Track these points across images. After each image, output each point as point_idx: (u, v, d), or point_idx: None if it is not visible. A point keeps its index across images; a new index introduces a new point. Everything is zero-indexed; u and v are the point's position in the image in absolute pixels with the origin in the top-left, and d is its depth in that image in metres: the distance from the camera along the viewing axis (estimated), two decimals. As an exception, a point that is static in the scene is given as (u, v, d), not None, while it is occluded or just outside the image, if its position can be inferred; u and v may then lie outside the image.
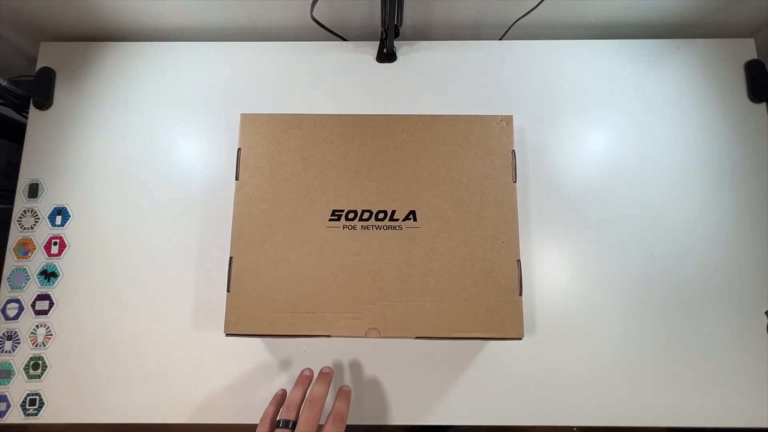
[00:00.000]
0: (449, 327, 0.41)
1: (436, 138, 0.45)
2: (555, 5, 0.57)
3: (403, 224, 0.43)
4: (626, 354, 0.50)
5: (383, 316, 0.41)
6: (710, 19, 0.60)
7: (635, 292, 0.52)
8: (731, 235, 0.53)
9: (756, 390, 0.49)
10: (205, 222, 0.55)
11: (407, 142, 0.45)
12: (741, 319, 0.51)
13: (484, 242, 0.42)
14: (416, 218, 0.43)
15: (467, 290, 0.41)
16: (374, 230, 0.43)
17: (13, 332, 0.52)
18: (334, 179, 0.44)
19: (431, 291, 0.41)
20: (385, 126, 0.46)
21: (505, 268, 0.41)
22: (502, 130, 0.45)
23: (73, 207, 0.56)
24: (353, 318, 0.41)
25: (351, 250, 0.42)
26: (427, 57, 0.61)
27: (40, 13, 0.59)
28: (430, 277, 0.42)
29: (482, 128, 0.45)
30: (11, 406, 0.50)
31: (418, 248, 0.42)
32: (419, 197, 0.43)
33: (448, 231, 0.42)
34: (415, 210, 0.43)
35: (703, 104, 0.58)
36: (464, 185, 0.43)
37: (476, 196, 0.43)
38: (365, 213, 0.43)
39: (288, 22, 0.62)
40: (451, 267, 0.42)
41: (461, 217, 0.43)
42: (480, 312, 0.41)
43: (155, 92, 0.60)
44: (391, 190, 0.44)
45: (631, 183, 0.55)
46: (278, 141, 0.46)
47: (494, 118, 0.45)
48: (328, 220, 0.43)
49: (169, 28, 0.64)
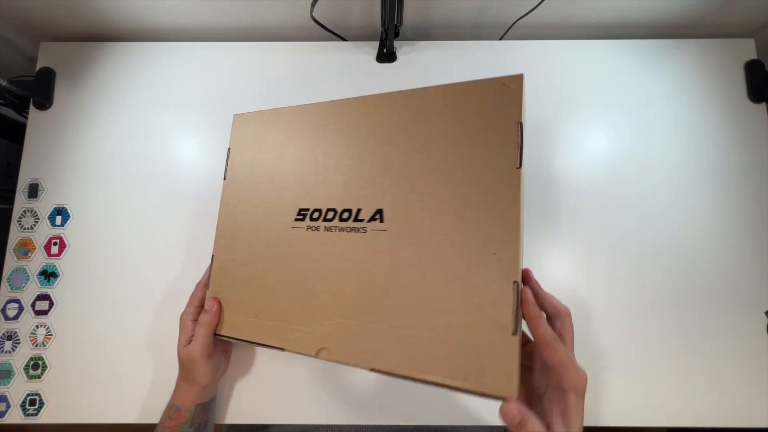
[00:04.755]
0: (411, 364, 0.30)
1: (415, 116, 0.35)
2: (555, 5, 0.57)
3: (368, 226, 0.35)
4: (626, 354, 0.50)
5: (337, 336, 0.34)
6: (710, 19, 0.60)
7: (635, 292, 0.52)
8: (731, 235, 0.53)
9: (756, 390, 0.49)
10: (205, 222, 0.55)
11: (381, 125, 0.37)
12: (741, 319, 0.51)
13: (466, 253, 0.30)
14: (383, 219, 0.34)
15: (438, 319, 0.30)
16: (337, 232, 0.36)
17: (13, 332, 0.52)
18: (303, 174, 0.40)
19: (394, 312, 0.32)
20: (358, 108, 0.39)
21: (495, 291, 0.29)
22: (505, 95, 0.32)
23: (73, 207, 0.56)
24: (307, 333, 0.36)
25: (312, 255, 0.37)
26: (427, 57, 0.61)
27: (40, 13, 0.58)
28: (394, 295, 0.32)
29: (477, 96, 0.33)
30: (11, 406, 0.50)
31: (382, 257, 0.33)
32: (389, 193, 0.34)
33: (419, 236, 0.32)
34: (383, 209, 0.34)
35: (703, 104, 0.57)
36: (445, 175, 0.33)
37: (460, 189, 0.32)
38: (330, 212, 0.37)
39: (288, 22, 0.62)
40: (420, 284, 0.31)
41: (437, 219, 0.32)
42: (453, 350, 0.29)
43: (155, 92, 0.60)
44: (358, 185, 0.36)
45: (631, 183, 0.55)
46: (260, 138, 0.44)
47: (495, 82, 0.33)
48: (293, 220, 0.39)
49: (169, 28, 0.64)
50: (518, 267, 0.29)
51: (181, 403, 0.42)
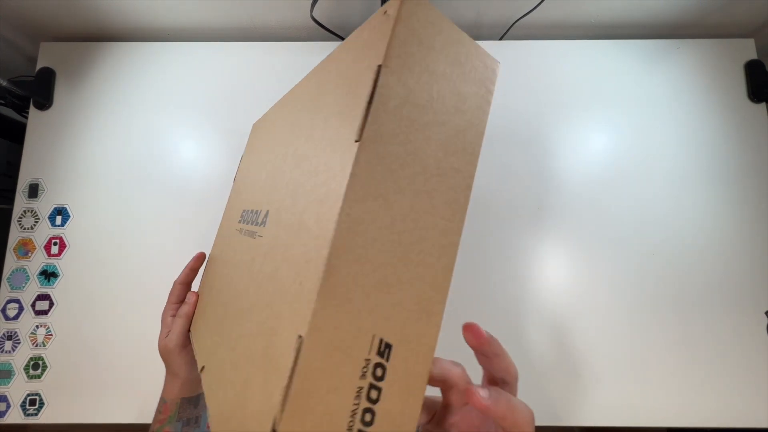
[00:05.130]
0: (219, 416, 0.22)
1: (315, 88, 0.27)
2: (555, 5, 0.57)
3: (257, 230, 0.29)
4: (626, 354, 0.50)
5: (212, 357, 0.28)
6: (710, 19, 0.60)
7: (635, 292, 0.52)
8: (731, 235, 0.53)
9: (756, 390, 0.49)
10: (205, 221, 0.55)
11: (296, 112, 0.30)
12: (741, 319, 0.51)
13: (280, 277, 0.21)
14: (266, 223, 0.28)
15: (243, 365, 0.22)
16: (245, 237, 0.32)
17: (13, 332, 0.52)
18: (251, 175, 0.39)
19: (234, 343, 0.25)
20: (293, 99, 0.33)
21: (282, 344, 0.18)
22: (378, 29, 0.20)
23: (73, 207, 0.56)
24: (206, 344, 0.31)
25: (231, 260, 0.34)
26: (427, 57, 0.61)
27: (40, 13, 0.58)
28: (240, 321, 0.25)
29: (359, 41, 0.22)
30: (11, 406, 0.49)
31: (250, 271, 0.27)
32: (277, 190, 0.28)
33: (274, 247, 0.24)
34: (269, 210, 0.28)
35: (703, 104, 0.57)
36: (305, 162, 0.24)
37: (308, 182, 0.22)
38: (250, 213, 0.33)
39: (288, 22, 0.62)
40: (255, 312, 0.23)
41: (289, 225, 0.23)
42: (244, 419, 0.19)
43: (155, 92, 0.60)
44: (268, 182, 0.31)
45: (631, 183, 0.55)
46: (254, 143, 0.46)
47: (378, 14, 0.21)
48: (237, 222, 0.37)
49: (169, 28, 0.64)
50: (309, 311, 0.16)
51: (166, 397, 0.42)
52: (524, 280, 0.52)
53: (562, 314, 0.51)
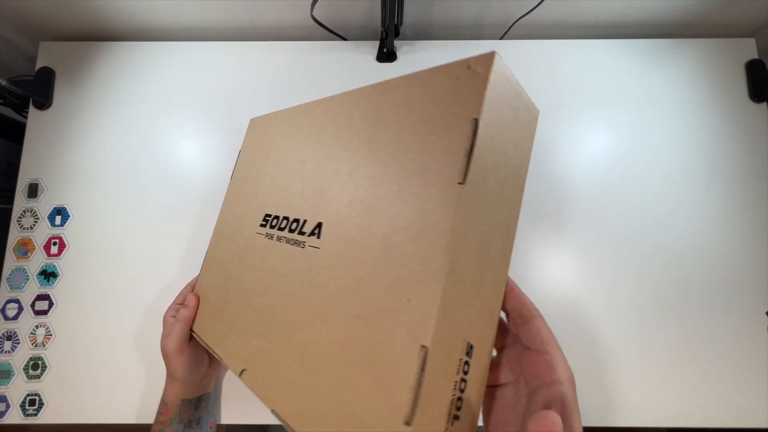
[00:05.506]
0: (302, 418, 0.25)
1: (373, 114, 0.29)
2: (555, 5, 0.57)
3: (307, 241, 0.30)
4: (626, 354, 0.50)
5: (258, 360, 0.30)
6: (711, 18, 0.60)
7: (635, 292, 0.52)
8: (732, 235, 0.53)
9: (756, 390, 0.48)
10: (205, 222, 0.55)
11: (342, 127, 0.32)
12: (741, 319, 0.51)
13: (380, 295, 0.23)
14: (320, 235, 0.29)
15: (338, 371, 0.24)
16: (284, 243, 0.32)
17: (13, 332, 0.52)
18: (276, 178, 0.38)
19: (304, 349, 0.27)
20: (328, 108, 0.35)
21: (397, 353, 0.21)
22: (467, 82, 0.23)
23: (73, 207, 0.56)
24: (240, 348, 0.33)
25: (261, 265, 0.34)
26: (427, 57, 0.61)
27: (40, 13, 0.58)
28: (308, 329, 0.27)
29: (437, 84, 0.25)
30: (11, 407, 0.49)
31: (308, 280, 0.28)
32: (331, 205, 0.29)
33: (344, 262, 0.26)
34: (323, 223, 0.29)
35: (704, 104, 0.57)
36: (384, 187, 0.25)
37: (393, 207, 0.24)
38: (284, 221, 0.34)
39: (288, 22, 0.62)
40: (332, 322, 0.25)
41: (364, 242, 0.25)
42: (342, 420, 0.22)
43: (155, 92, 0.60)
44: (310, 194, 0.32)
45: (632, 183, 0.55)
46: (258, 141, 0.45)
47: (459, 66, 0.24)
48: (258, 226, 0.37)
49: (169, 28, 0.63)
50: (431, 323, 0.20)
51: (167, 398, 0.43)
52: (524, 280, 0.52)
53: (562, 314, 0.51)
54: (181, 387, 0.43)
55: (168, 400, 0.42)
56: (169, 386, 0.43)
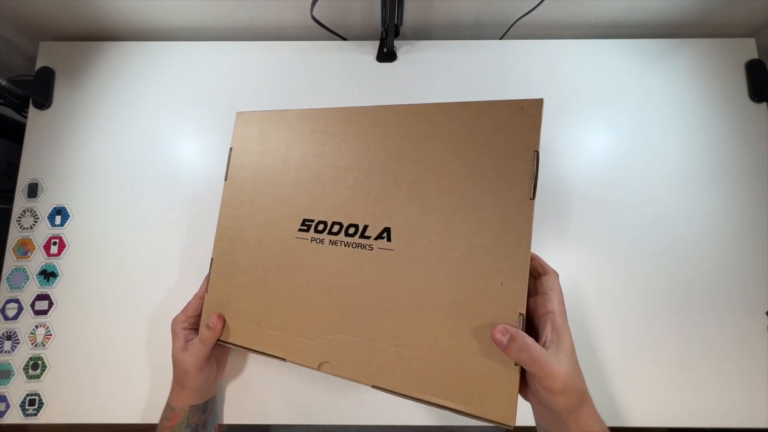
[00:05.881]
0: (413, 384, 0.32)
1: (427, 133, 0.34)
2: (555, 5, 0.57)
3: (375, 243, 0.34)
4: (626, 354, 0.50)
5: (340, 351, 0.35)
6: (711, 18, 0.60)
7: (635, 292, 0.52)
8: (732, 235, 0.53)
9: (756, 390, 0.49)
10: (204, 222, 0.55)
11: (392, 140, 0.35)
12: (741, 319, 0.51)
13: (473, 280, 0.31)
14: (390, 238, 0.34)
15: (443, 342, 0.31)
16: (342, 247, 0.35)
17: (13, 332, 0.52)
18: (309, 184, 0.38)
19: (398, 332, 0.33)
20: (369, 119, 0.37)
21: (500, 321, 0.30)
22: (523, 120, 0.31)
23: (73, 207, 0.56)
24: (309, 345, 0.36)
25: (315, 268, 0.36)
26: (427, 57, 0.61)
27: (40, 12, 0.58)
28: (399, 316, 0.33)
29: (494, 119, 0.32)
30: (10, 407, 0.49)
31: (388, 277, 0.33)
32: (396, 212, 0.34)
33: (427, 259, 0.32)
34: (390, 227, 0.34)
35: (704, 104, 0.57)
36: (456, 199, 0.32)
37: (471, 216, 0.32)
38: (335, 225, 0.36)
39: (288, 22, 0.62)
40: (427, 307, 0.32)
41: (446, 243, 0.32)
42: (457, 376, 0.31)
43: (155, 92, 0.60)
44: (365, 201, 0.35)
45: (632, 183, 0.55)
46: (264, 140, 0.43)
47: (513, 105, 0.32)
48: (297, 230, 0.38)
49: (169, 27, 0.63)
50: (524, 299, 0.30)
51: (175, 404, 0.42)
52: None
53: (563, 314, 0.51)
54: (191, 395, 0.43)
55: (176, 406, 0.42)
56: (178, 393, 0.43)
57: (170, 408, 0.42)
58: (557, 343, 0.30)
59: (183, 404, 0.42)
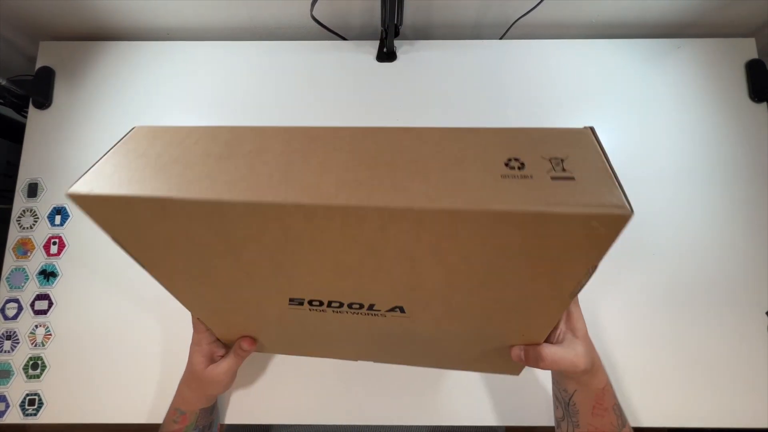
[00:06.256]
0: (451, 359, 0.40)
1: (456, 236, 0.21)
2: (555, 5, 0.57)
3: (388, 314, 0.30)
4: (626, 354, 0.50)
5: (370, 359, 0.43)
6: (711, 18, 0.60)
7: (635, 292, 0.52)
8: (732, 235, 0.53)
9: (756, 390, 0.48)
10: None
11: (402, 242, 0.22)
12: (741, 319, 0.50)
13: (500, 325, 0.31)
14: (405, 311, 0.29)
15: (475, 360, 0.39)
16: (350, 315, 0.31)
17: (12, 332, 0.52)
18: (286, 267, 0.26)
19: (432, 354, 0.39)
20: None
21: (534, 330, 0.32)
22: (589, 238, 0.22)
23: (73, 207, 0.56)
24: (344, 354, 0.44)
25: (326, 327, 0.34)
26: (427, 56, 0.61)
27: (40, 12, 0.58)
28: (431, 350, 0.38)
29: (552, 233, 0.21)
30: (10, 406, 0.49)
31: (404, 327, 0.32)
32: (412, 294, 0.27)
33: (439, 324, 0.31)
34: (403, 306, 0.29)
35: (704, 104, 0.57)
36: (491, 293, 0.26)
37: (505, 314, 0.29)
38: (334, 303, 0.29)
39: (288, 21, 0.62)
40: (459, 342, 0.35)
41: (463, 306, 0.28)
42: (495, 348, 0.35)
43: (155, 92, 0.60)
44: (365, 287, 0.27)
45: (632, 182, 0.54)
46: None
47: (582, 219, 0.20)
48: (287, 305, 0.30)
49: (169, 27, 0.63)
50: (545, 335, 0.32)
51: (185, 408, 0.42)
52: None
53: (562, 314, 0.51)
54: (206, 400, 0.42)
55: (186, 409, 0.42)
56: (189, 397, 0.42)
57: (179, 412, 0.42)
58: (572, 330, 0.33)
59: (194, 408, 0.42)
